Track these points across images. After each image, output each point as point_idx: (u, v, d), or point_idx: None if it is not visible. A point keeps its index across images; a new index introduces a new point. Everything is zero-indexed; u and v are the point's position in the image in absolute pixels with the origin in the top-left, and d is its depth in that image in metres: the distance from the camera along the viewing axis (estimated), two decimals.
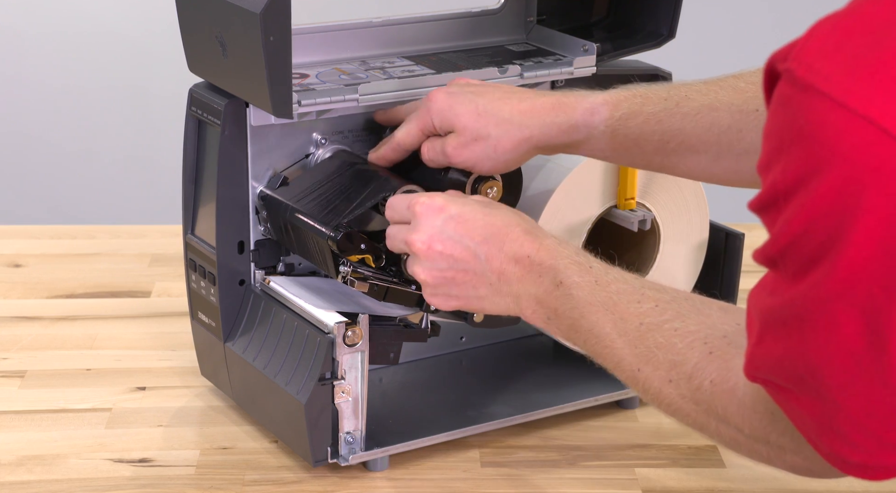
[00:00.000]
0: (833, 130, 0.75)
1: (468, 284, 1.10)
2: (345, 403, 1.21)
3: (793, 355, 0.82)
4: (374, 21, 1.35)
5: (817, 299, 0.79)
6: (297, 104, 1.22)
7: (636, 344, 1.00)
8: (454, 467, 1.26)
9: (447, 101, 1.20)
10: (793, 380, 0.83)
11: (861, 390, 0.80)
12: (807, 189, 0.77)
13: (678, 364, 0.97)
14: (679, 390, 0.97)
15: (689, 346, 0.96)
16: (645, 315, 1.00)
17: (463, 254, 1.10)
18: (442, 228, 1.10)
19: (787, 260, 0.80)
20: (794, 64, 0.77)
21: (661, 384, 0.98)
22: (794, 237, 0.79)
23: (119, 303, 1.57)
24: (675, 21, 1.37)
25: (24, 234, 1.75)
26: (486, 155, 1.19)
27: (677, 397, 0.97)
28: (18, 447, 1.29)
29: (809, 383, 0.82)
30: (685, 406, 0.97)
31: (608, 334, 1.02)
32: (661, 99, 1.17)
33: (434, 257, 1.10)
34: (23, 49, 3.03)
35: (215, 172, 1.24)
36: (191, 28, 1.24)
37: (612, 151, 1.19)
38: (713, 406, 0.94)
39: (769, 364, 0.84)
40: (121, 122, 3.08)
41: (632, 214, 1.28)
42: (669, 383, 0.97)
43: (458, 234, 1.10)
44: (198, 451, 1.28)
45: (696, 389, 0.95)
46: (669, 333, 0.98)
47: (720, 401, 0.94)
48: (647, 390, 1.00)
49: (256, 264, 1.28)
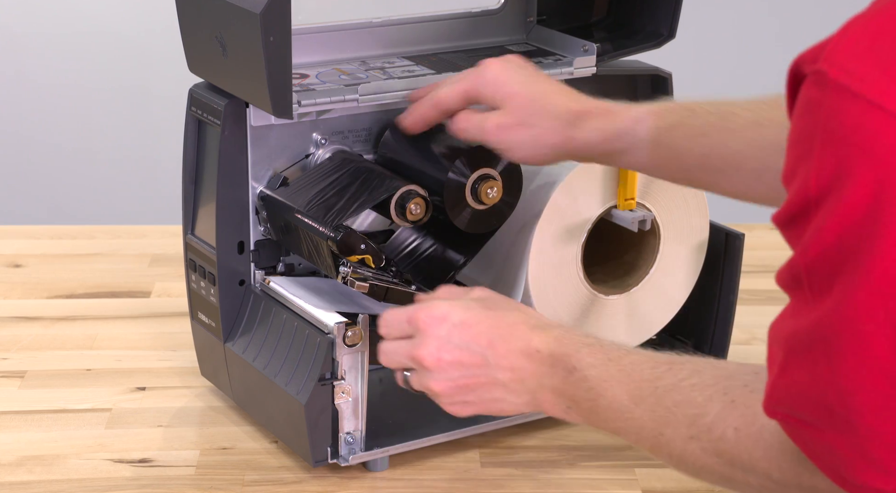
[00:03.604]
0: (869, 132, 0.73)
1: (482, 388, 1.08)
2: (345, 403, 1.21)
3: (820, 382, 0.79)
4: (374, 21, 1.35)
5: (845, 316, 0.77)
6: (297, 104, 1.22)
7: (654, 409, 0.97)
8: (454, 467, 1.26)
9: (503, 75, 1.17)
10: (819, 411, 0.81)
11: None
12: (839, 194, 0.75)
13: (698, 417, 0.94)
14: (701, 445, 0.94)
15: (708, 398, 0.94)
16: (660, 379, 0.98)
17: (472, 359, 1.07)
18: (448, 337, 1.08)
19: (815, 274, 0.78)
20: (826, 65, 0.75)
21: (683, 444, 0.95)
22: (825, 247, 0.76)
23: (119, 303, 1.57)
24: (675, 21, 1.37)
25: (24, 234, 1.75)
26: (526, 143, 1.17)
27: (700, 453, 0.94)
28: (18, 447, 1.29)
29: (838, 413, 0.79)
30: (709, 461, 0.94)
31: (626, 406, 0.99)
32: (707, 112, 1.14)
33: (444, 367, 1.08)
34: (23, 49, 3.02)
35: (215, 172, 1.24)
36: (191, 28, 1.24)
37: (652, 163, 1.16)
38: (738, 455, 0.92)
39: (793, 396, 0.82)
40: (121, 122, 3.08)
41: (632, 214, 1.28)
42: (691, 439, 0.95)
43: (464, 341, 1.07)
44: (198, 451, 1.28)
45: (718, 439, 0.93)
46: (687, 389, 0.96)
47: (745, 448, 0.91)
48: (671, 455, 0.97)
49: (256, 264, 1.28)
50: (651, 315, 1.34)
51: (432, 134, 1.26)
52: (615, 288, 1.32)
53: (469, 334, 1.07)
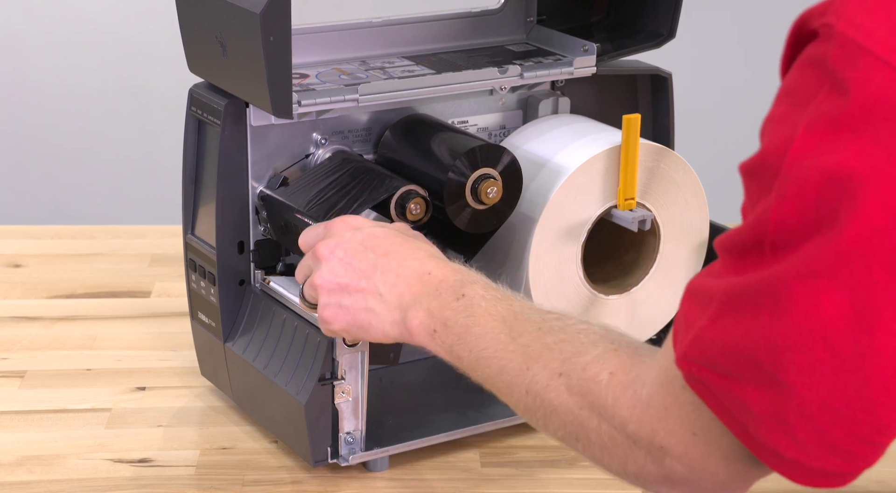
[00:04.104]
0: (874, 88, 0.72)
1: (360, 294, 1.07)
2: (345, 403, 1.21)
3: (755, 337, 0.79)
4: (374, 21, 1.35)
5: (805, 272, 0.76)
6: (297, 104, 1.22)
7: (530, 345, 0.96)
8: (454, 467, 1.26)
9: None
10: (745, 366, 0.80)
11: (826, 378, 0.77)
12: (832, 148, 0.74)
13: (576, 355, 0.92)
14: (569, 382, 0.92)
15: (592, 342, 0.93)
16: (546, 321, 0.97)
17: (362, 264, 1.08)
18: (351, 239, 1.09)
19: (785, 231, 0.77)
20: (834, 18, 0.74)
21: (549, 379, 0.93)
22: (806, 202, 0.75)
23: (119, 303, 1.57)
24: (675, 21, 1.37)
25: (24, 234, 1.75)
26: None
27: (564, 390, 0.92)
28: (18, 447, 1.29)
29: (766, 369, 0.78)
30: (569, 401, 0.92)
31: (501, 339, 0.98)
32: None
33: (334, 264, 1.08)
34: (23, 49, 3.02)
35: (215, 172, 1.24)
36: (191, 28, 1.24)
37: None
38: (603, 399, 0.89)
39: (719, 348, 0.81)
40: (121, 122, 3.08)
41: (632, 214, 1.28)
42: (560, 376, 0.93)
43: (363, 246, 1.08)
44: (198, 451, 1.28)
45: (590, 379, 0.91)
46: (573, 332, 0.95)
47: (614, 393, 0.89)
48: (527, 392, 0.95)
49: (256, 264, 1.28)
50: (651, 315, 1.34)
51: (432, 134, 1.26)
52: (615, 288, 1.32)
53: (371, 243, 1.08)
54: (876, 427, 0.79)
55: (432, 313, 1.03)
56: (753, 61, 3.02)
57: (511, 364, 0.97)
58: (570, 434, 0.93)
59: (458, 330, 1.01)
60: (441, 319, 1.02)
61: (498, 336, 0.99)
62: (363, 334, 1.08)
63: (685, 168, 1.30)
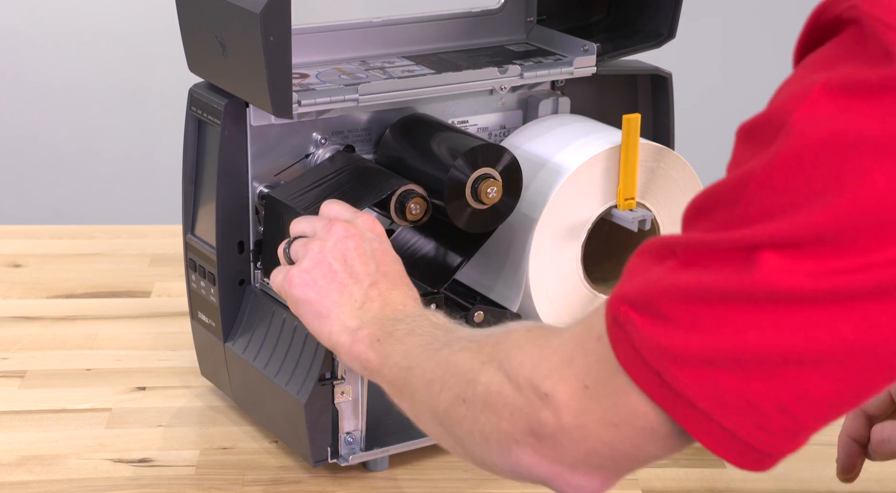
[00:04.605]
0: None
1: (338, 287, 1.07)
2: (345, 403, 1.21)
3: (711, 286, 0.76)
4: (374, 21, 1.35)
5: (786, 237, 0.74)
6: (297, 104, 1.22)
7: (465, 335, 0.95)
8: (454, 467, 1.26)
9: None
10: (687, 310, 0.77)
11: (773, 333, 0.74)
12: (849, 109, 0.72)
13: (491, 331, 0.91)
14: (480, 345, 0.89)
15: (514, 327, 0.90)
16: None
17: (360, 267, 1.08)
18: (368, 240, 1.09)
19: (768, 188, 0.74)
20: (860, 0, 0.73)
21: (461, 346, 0.91)
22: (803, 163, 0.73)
23: (119, 303, 1.57)
24: (675, 21, 1.37)
25: (24, 234, 1.75)
26: None
27: (470, 351, 0.89)
28: (18, 447, 1.29)
29: (709, 315, 0.76)
30: (471, 359, 0.88)
31: (436, 335, 0.97)
32: None
33: (340, 248, 1.08)
34: (23, 49, 3.03)
35: (215, 172, 1.24)
36: (191, 28, 1.24)
37: None
38: (507, 347, 0.86)
39: (662, 289, 0.78)
40: (121, 122, 3.08)
41: (632, 213, 1.28)
42: (472, 341, 0.91)
43: (373, 253, 1.09)
44: (198, 451, 1.28)
45: (501, 338, 0.88)
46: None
47: (520, 341, 0.86)
48: (438, 363, 0.92)
49: (256, 264, 1.28)
50: None
51: (432, 134, 1.26)
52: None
53: (380, 257, 1.09)
54: (797, 395, 0.76)
55: (384, 328, 1.03)
56: (753, 61, 3.02)
57: (435, 345, 0.95)
58: (457, 397, 0.89)
59: (400, 335, 1.00)
60: (390, 331, 1.02)
61: (434, 332, 0.98)
62: (313, 317, 1.07)
63: (685, 168, 1.30)
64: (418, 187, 1.21)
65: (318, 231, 1.11)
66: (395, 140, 1.28)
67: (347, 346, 1.04)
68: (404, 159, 1.26)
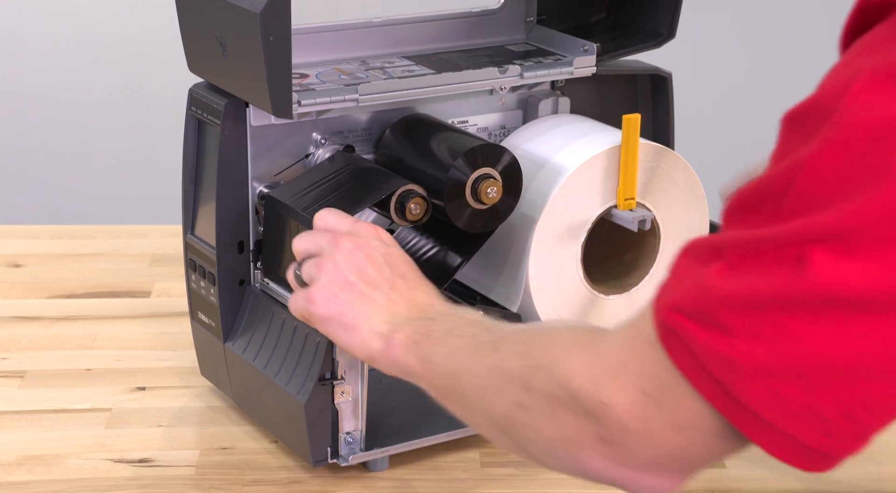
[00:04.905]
0: None
1: (359, 297, 1.06)
2: (345, 403, 1.21)
3: (767, 289, 0.74)
4: (374, 21, 1.35)
5: (832, 232, 0.72)
6: (297, 104, 1.22)
7: (507, 336, 0.94)
8: (454, 467, 1.26)
9: None
10: (745, 318, 0.75)
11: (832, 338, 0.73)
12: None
13: (539, 326, 0.90)
14: (526, 349, 0.89)
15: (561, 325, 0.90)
16: None
17: (375, 274, 1.08)
18: (375, 247, 1.09)
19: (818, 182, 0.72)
20: None
21: (509, 353, 0.90)
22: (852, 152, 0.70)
23: (119, 303, 1.57)
24: (675, 21, 1.37)
25: (24, 234, 1.75)
26: None
27: (520, 356, 0.88)
28: (18, 447, 1.29)
29: (770, 322, 0.75)
30: (521, 365, 0.87)
31: (477, 334, 0.96)
32: None
33: (352, 259, 1.08)
34: (23, 50, 3.03)
35: (215, 172, 1.24)
36: (191, 28, 1.24)
37: None
38: (554, 352, 0.85)
39: (720, 298, 0.76)
40: (121, 122, 3.08)
41: (632, 213, 1.28)
42: (521, 344, 0.90)
43: (384, 258, 1.09)
44: (198, 451, 1.28)
45: (547, 341, 0.87)
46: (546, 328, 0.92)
47: (567, 345, 0.85)
48: (489, 369, 0.91)
49: (256, 264, 1.28)
50: None
51: (432, 134, 1.26)
52: (615, 288, 1.32)
53: (392, 261, 1.09)
54: (862, 403, 0.75)
55: (418, 330, 1.02)
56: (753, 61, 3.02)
57: (481, 349, 0.94)
58: (514, 404, 0.88)
59: (438, 337, 1.00)
60: (426, 332, 1.02)
61: (475, 332, 0.97)
62: (342, 331, 1.07)
63: (685, 168, 1.30)
64: (418, 187, 1.21)
65: (325, 248, 1.11)
66: (394, 140, 1.28)
67: (384, 352, 1.04)
68: (404, 159, 1.26)
